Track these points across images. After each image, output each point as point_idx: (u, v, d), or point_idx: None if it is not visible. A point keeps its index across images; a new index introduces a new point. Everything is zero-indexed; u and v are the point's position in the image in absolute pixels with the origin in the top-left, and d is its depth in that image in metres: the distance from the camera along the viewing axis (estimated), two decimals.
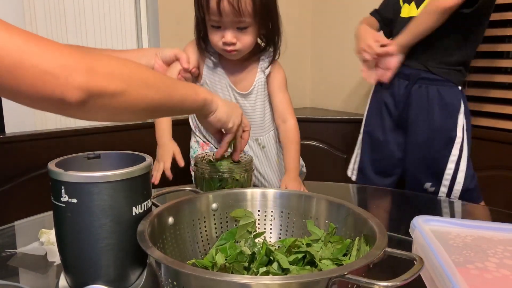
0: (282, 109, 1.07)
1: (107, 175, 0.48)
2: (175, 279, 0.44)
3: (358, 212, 0.57)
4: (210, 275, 0.43)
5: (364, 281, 0.42)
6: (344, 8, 2.02)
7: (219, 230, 0.62)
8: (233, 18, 0.91)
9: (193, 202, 0.61)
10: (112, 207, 0.49)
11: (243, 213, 0.63)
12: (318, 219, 0.62)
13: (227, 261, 0.56)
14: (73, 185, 0.48)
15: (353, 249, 0.54)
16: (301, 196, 0.64)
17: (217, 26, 0.95)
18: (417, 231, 0.64)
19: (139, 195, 0.52)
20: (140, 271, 0.55)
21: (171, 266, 0.43)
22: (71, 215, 0.49)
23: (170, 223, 0.57)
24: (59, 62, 0.43)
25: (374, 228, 0.52)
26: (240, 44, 0.96)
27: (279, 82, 1.08)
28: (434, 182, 1.29)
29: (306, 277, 0.42)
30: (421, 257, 0.45)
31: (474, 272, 0.54)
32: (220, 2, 0.89)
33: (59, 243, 0.52)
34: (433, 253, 0.56)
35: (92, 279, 0.51)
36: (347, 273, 0.41)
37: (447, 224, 0.68)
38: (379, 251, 0.46)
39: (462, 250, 0.59)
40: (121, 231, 0.50)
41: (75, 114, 0.47)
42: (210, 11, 0.92)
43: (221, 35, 0.95)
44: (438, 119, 1.27)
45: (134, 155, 0.58)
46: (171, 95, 0.58)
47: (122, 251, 0.51)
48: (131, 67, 0.52)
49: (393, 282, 0.40)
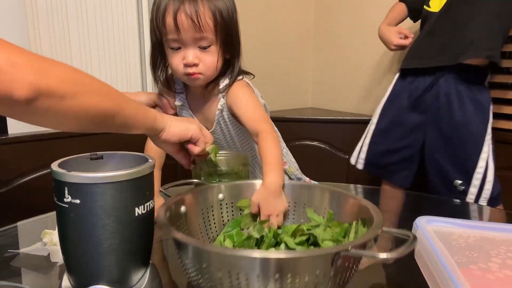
0: (251, 124, 0.87)
1: (110, 176, 0.48)
2: (199, 258, 0.49)
3: (355, 198, 0.63)
4: (232, 251, 0.49)
5: (366, 254, 0.47)
6: (346, 8, 2.02)
7: (226, 218, 0.68)
8: (193, 33, 0.82)
9: (202, 193, 0.66)
10: (115, 208, 0.49)
11: (247, 203, 0.68)
12: (318, 207, 0.67)
13: (235, 246, 0.62)
14: (76, 185, 0.48)
15: (351, 232, 0.59)
16: (302, 186, 0.71)
17: (177, 47, 0.84)
18: (419, 231, 0.64)
19: (142, 195, 0.52)
20: (143, 272, 0.55)
21: (197, 246, 0.49)
22: (74, 215, 0.49)
23: (183, 212, 0.61)
24: (9, 59, 0.43)
25: (371, 212, 0.57)
26: (203, 66, 0.85)
27: (235, 101, 0.91)
28: (464, 180, 1.26)
29: (317, 252, 0.50)
30: (414, 235, 0.50)
31: (477, 273, 0.53)
32: (177, 16, 0.80)
33: (62, 244, 0.52)
34: (436, 253, 0.56)
35: (95, 279, 0.51)
36: (351, 247, 0.46)
37: (450, 224, 0.68)
38: (377, 229, 0.52)
39: (465, 251, 0.59)
40: (124, 231, 0.51)
41: (22, 114, 0.46)
42: (167, 29, 0.82)
43: (181, 57, 0.84)
44: (470, 112, 1.26)
45: (136, 156, 0.58)
46: (123, 107, 0.56)
47: (125, 251, 0.51)
48: (84, 74, 0.51)
49: (391, 254, 0.45)
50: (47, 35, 1.55)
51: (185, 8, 0.80)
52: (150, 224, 0.55)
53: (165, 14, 0.81)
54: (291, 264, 0.45)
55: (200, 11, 0.81)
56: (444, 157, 1.31)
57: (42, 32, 1.54)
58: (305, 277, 0.46)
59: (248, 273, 0.45)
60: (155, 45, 0.89)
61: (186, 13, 0.80)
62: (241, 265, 0.46)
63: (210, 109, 0.96)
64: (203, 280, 0.49)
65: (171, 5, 0.81)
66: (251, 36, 1.87)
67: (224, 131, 0.98)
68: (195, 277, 0.50)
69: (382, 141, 1.45)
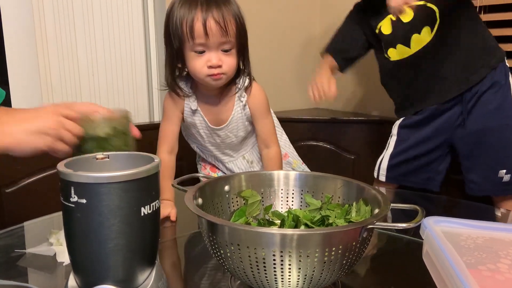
0: (264, 137, 1.05)
1: (116, 176, 0.48)
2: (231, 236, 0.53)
3: (355, 182, 0.68)
4: (263, 229, 0.53)
5: (389, 226, 0.57)
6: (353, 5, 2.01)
7: (232, 208, 0.72)
8: (219, 38, 0.90)
9: (211, 185, 0.69)
10: (121, 208, 0.49)
11: (250, 193, 0.72)
12: (315, 192, 0.73)
13: None
14: (82, 185, 0.48)
15: (352, 211, 0.64)
16: (301, 174, 0.76)
17: (201, 51, 0.91)
18: (427, 232, 0.63)
19: (148, 195, 0.52)
20: (149, 272, 0.55)
21: (228, 226, 0.55)
22: (81, 215, 0.49)
23: (200, 204, 0.63)
24: None
25: (372, 191, 0.64)
26: (226, 67, 0.93)
27: (259, 108, 1.04)
28: (509, 169, 1.22)
29: (346, 227, 0.55)
30: (422, 208, 0.57)
31: (486, 274, 0.53)
32: (207, 22, 0.87)
33: (69, 244, 0.52)
34: (445, 254, 0.55)
35: (101, 279, 0.51)
36: (376, 221, 0.53)
37: (458, 225, 0.67)
38: (388, 205, 0.59)
39: (473, 252, 0.59)
40: (130, 231, 0.51)
41: None
42: (196, 35, 0.89)
43: (206, 60, 0.91)
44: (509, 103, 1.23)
45: (142, 156, 0.58)
46: None
47: (131, 251, 0.51)
48: None
49: (408, 224, 0.53)
50: (53, 37, 1.56)
51: (213, 14, 0.88)
52: (156, 224, 0.55)
53: (194, 21, 0.88)
54: (332, 237, 0.51)
55: (226, 18, 0.89)
56: (482, 150, 1.26)
57: (49, 35, 1.55)
58: (339, 249, 0.51)
59: (290, 250, 0.50)
60: (175, 53, 0.95)
61: (215, 19, 0.88)
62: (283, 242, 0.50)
63: (225, 108, 1.03)
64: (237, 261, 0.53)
65: (199, 12, 0.88)
66: (256, 37, 1.87)
67: (234, 128, 1.05)
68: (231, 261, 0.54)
69: (405, 151, 1.36)
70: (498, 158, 1.24)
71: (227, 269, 0.56)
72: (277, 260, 0.51)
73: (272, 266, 0.51)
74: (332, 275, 0.54)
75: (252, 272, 0.53)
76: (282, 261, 0.51)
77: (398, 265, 0.75)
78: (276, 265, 0.51)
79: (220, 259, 0.55)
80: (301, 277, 0.52)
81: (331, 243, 0.51)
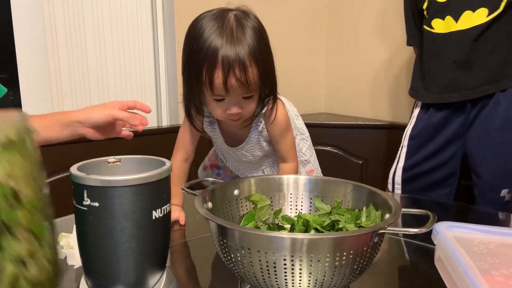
0: (283, 153, 1.02)
1: (129, 179, 0.49)
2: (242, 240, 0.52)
3: (365, 187, 0.68)
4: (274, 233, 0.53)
5: (400, 230, 0.63)
6: (359, 12, 2.02)
7: (241, 212, 0.72)
8: (241, 93, 0.84)
9: (221, 189, 0.70)
10: (133, 211, 0.50)
11: (259, 198, 0.72)
12: (325, 197, 0.72)
13: None
14: (95, 189, 0.48)
15: (361, 216, 0.64)
16: (310, 179, 0.75)
17: (221, 99, 0.85)
18: (439, 237, 0.63)
19: (159, 199, 0.52)
20: (160, 275, 0.55)
21: (239, 230, 0.54)
22: (93, 218, 0.49)
23: (209, 208, 0.63)
24: None
25: (383, 196, 0.63)
26: (245, 112, 0.88)
27: (278, 133, 0.99)
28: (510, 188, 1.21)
29: (357, 232, 0.54)
30: (434, 213, 0.57)
31: (500, 279, 0.52)
32: (228, 80, 0.80)
33: (81, 246, 0.52)
34: (458, 260, 0.55)
35: (113, 282, 0.51)
36: (387, 226, 0.53)
37: (470, 230, 0.66)
38: (399, 210, 0.58)
39: (486, 257, 0.58)
40: (142, 235, 0.51)
41: None
42: (216, 90, 0.82)
43: (225, 108, 0.86)
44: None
45: (153, 160, 0.59)
46: None
47: (142, 254, 0.52)
48: None
49: (420, 229, 0.53)
50: (64, 46, 1.58)
51: (235, 73, 0.79)
52: (167, 228, 0.55)
53: (213, 76, 0.80)
54: (344, 242, 0.51)
55: (249, 74, 0.81)
56: (490, 167, 1.25)
57: (60, 43, 1.57)
58: (350, 254, 0.51)
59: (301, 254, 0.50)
60: (193, 91, 0.88)
61: (236, 77, 0.80)
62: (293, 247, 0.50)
63: (240, 132, 1.00)
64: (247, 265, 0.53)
65: (220, 68, 0.79)
66: None
67: (250, 148, 1.03)
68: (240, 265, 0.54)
69: (417, 164, 1.35)
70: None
71: (237, 273, 0.56)
72: (288, 265, 0.51)
73: (283, 270, 0.51)
74: (343, 280, 0.53)
75: (263, 276, 0.53)
76: (293, 266, 0.50)
77: (409, 270, 0.75)
78: (287, 270, 0.51)
79: (231, 263, 0.55)
80: (311, 282, 0.52)
81: (342, 248, 0.51)
